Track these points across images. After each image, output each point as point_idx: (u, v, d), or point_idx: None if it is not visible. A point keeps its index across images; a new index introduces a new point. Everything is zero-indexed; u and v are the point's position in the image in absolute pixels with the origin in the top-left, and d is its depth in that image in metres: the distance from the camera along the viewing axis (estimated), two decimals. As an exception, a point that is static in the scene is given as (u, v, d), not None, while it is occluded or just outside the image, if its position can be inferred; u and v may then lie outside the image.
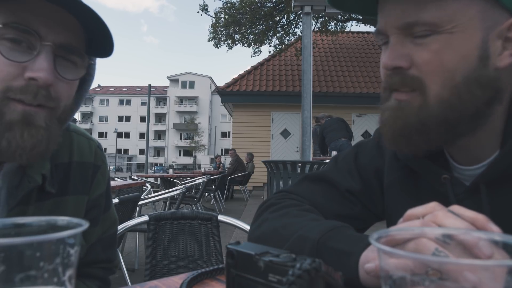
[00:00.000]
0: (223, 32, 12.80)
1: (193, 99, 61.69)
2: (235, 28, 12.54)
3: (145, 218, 1.46)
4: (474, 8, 0.58)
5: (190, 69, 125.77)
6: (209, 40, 12.97)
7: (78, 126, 0.90)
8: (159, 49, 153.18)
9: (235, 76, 12.78)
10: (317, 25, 13.23)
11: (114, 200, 2.45)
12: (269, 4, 12.59)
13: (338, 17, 12.27)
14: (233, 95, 11.97)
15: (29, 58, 0.63)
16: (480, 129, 0.62)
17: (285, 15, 12.88)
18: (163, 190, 4.70)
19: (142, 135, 60.63)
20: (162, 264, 1.44)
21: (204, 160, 52.42)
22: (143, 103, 60.71)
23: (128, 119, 64.13)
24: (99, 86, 66.95)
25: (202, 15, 12.98)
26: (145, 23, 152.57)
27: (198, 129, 57.63)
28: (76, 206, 0.81)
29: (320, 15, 12.34)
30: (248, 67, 13.23)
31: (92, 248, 0.86)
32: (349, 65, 13.18)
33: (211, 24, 12.70)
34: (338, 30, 13.70)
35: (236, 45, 13.13)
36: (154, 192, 4.59)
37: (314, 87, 10.38)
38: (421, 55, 0.60)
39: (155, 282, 0.62)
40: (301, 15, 7.39)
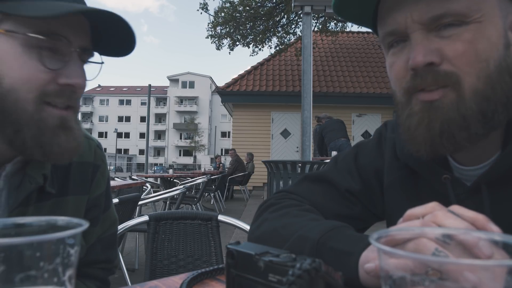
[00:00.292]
0: (222, 30, 12.78)
1: (193, 99, 61.68)
2: (233, 25, 12.50)
3: (145, 218, 1.46)
4: None
5: (190, 69, 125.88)
6: (207, 37, 12.95)
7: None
8: (159, 49, 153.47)
9: (235, 76, 12.79)
10: (317, 25, 13.23)
11: (114, 200, 2.45)
12: (269, 4, 12.58)
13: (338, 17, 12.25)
14: (233, 95, 11.97)
15: (62, 64, 0.65)
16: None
17: (285, 15, 12.87)
18: (163, 190, 4.70)
19: (142, 135, 60.63)
20: (162, 264, 1.44)
21: (204, 160, 52.42)
22: (143, 103, 60.71)
23: (128, 119, 64.13)
24: (99, 86, 66.97)
25: (202, 13, 12.98)
26: (145, 23, 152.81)
27: (198, 129, 57.62)
28: (76, 206, 0.81)
29: (320, 15, 12.34)
30: (248, 67, 13.25)
31: (92, 248, 0.86)
32: (349, 65, 13.18)
33: (209, 22, 12.70)
34: (338, 30, 13.69)
35: (237, 45, 13.12)
36: (154, 192, 4.59)
37: (314, 87, 10.39)
38: (454, 47, 0.58)
39: (155, 282, 0.62)
40: (301, 15, 7.39)
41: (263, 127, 11.91)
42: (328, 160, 4.56)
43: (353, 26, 14.02)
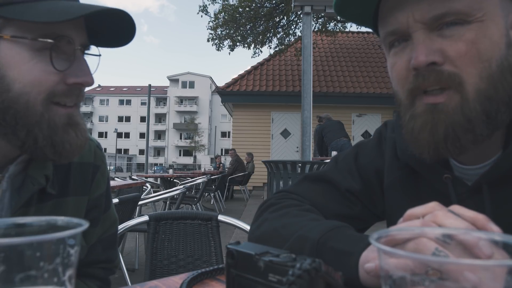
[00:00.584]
0: (222, 32, 12.77)
1: (193, 99, 61.68)
2: (233, 27, 12.50)
3: (145, 218, 1.46)
4: None
5: (190, 69, 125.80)
6: (208, 41, 12.95)
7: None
8: (159, 49, 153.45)
9: (235, 76, 12.79)
10: (317, 25, 13.22)
11: (114, 200, 2.45)
12: (268, 5, 12.57)
13: (338, 17, 12.25)
14: (233, 95, 11.97)
15: (69, 64, 0.65)
16: None
17: (284, 16, 12.86)
18: (163, 190, 4.70)
19: (142, 135, 60.62)
20: (162, 264, 1.44)
21: (204, 160, 52.43)
22: (143, 103, 60.70)
23: (128, 119, 64.13)
24: (99, 86, 66.92)
25: (202, 16, 12.98)
26: (145, 23, 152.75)
27: (198, 129, 57.60)
28: (76, 207, 0.80)
29: (320, 15, 12.34)
30: (248, 67, 13.25)
31: (92, 249, 0.86)
32: (349, 65, 13.18)
33: (209, 24, 12.66)
34: (338, 30, 13.69)
35: (237, 46, 13.11)
36: (154, 192, 4.59)
37: (314, 87, 10.39)
38: (456, 47, 0.57)
39: (155, 282, 0.62)
40: (301, 15, 7.39)
41: (263, 127, 11.91)
42: (328, 160, 4.56)
43: (352, 26, 14.00)
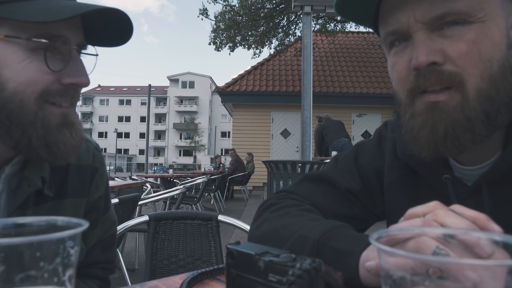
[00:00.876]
0: (223, 35, 12.76)
1: (193, 99, 61.69)
2: (235, 31, 12.50)
3: (145, 218, 1.46)
4: None
5: (190, 69, 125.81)
6: (210, 44, 12.93)
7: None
8: (159, 49, 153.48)
9: (235, 76, 12.78)
10: (317, 25, 13.21)
11: (114, 200, 2.45)
12: (269, 5, 12.56)
13: (338, 17, 12.26)
14: (233, 95, 11.97)
15: (64, 64, 0.65)
16: None
17: (285, 16, 12.86)
18: (163, 190, 4.70)
19: (142, 135, 60.63)
20: (162, 264, 1.44)
21: (204, 160, 52.44)
22: (143, 103, 60.71)
23: (128, 119, 64.14)
24: (99, 86, 66.97)
25: (202, 19, 12.99)
26: (145, 23, 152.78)
27: (198, 129, 57.61)
28: (74, 209, 0.80)
29: (320, 15, 12.33)
30: (248, 67, 13.25)
31: (92, 250, 0.85)
32: (349, 65, 13.18)
33: (212, 29, 12.64)
34: (338, 30, 13.68)
35: (238, 47, 13.11)
36: (154, 192, 4.59)
37: (314, 87, 10.39)
38: (457, 47, 0.57)
39: (155, 282, 0.62)
40: (301, 15, 7.39)
41: (263, 127, 11.91)
42: (328, 160, 4.56)
43: (352, 27, 13.98)
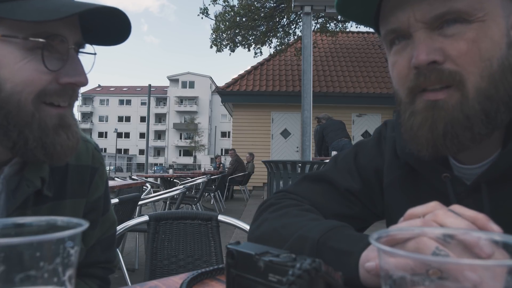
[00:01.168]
0: (224, 36, 12.75)
1: (193, 99, 61.69)
2: (235, 31, 12.49)
3: (145, 218, 1.46)
4: None
5: (190, 69, 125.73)
6: (211, 47, 12.91)
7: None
8: (159, 49, 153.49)
9: (235, 76, 12.77)
10: (317, 25, 13.21)
11: (114, 200, 2.45)
12: (269, 5, 12.56)
13: (338, 17, 12.26)
14: (233, 95, 11.97)
15: (62, 64, 0.64)
16: None
17: (285, 16, 12.85)
18: (163, 190, 4.70)
19: (142, 135, 60.63)
20: (162, 264, 1.44)
21: (204, 160, 52.43)
22: (143, 103, 60.70)
23: (128, 119, 64.14)
24: (99, 86, 66.95)
25: (202, 18, 12.99)
26: (146, 23, 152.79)
27: (198, 129, 57.60)
28: (73, 210, 0.79)
29: (320, 15, 12.33)
30: (248, 67, 13.24)
31: (91, 250, 0.85)
32: (349, 65, 13.18)
33: (212, 31, 12.61)
34: (338, 30, 13.68)
35: (238, 47, 13.10)
36: (154, 192, 4.59)
37: (314, 87, 10.38)
38: (457, 46, 0.58)
39: (155, 282, 0.62)
40: (301, 15, 7.40)
41: (263, 127, 11.91)
42: (328, 160, 4.55)
43: (352, 26, 13.98)
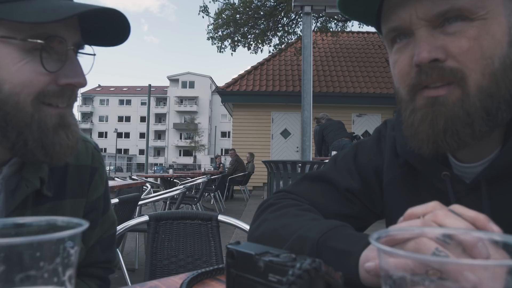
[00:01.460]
0: (223, 32, 12.74)
1: (193, 99, 61.67)
2: (235, 28, 12.48)
3: (145, 218, 1.46)
4: None
5: (190, 69, 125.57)
6: (208, 39, 12.92)
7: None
8: (159, 49, 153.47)
9: (235, 76, 12.77)
10: (317, 25, 13.21)
11: (114, 200, 2.45)
12: (269, 3, 12.55)
13: (338, 17, 12.25)
14: (233, 95, 11.97)
15: (61, 65, 0.64)
16: None
17: (285, 15, 12.85)
18: (163, 190, 4.70)
19: (142, 135, 60.60)
20: (162, 264, 1.44)
21: (204, 160, 52.37)
22: (143, 103, 60.69)
23: (128, 119, 64.12)
24: (99, 86, 66.94)
25: (203, 17, 12.99)
26: (146, 23, 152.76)
27: (198, 129, 57.59)
28: (73, 210, 0.80)
29: (320, 15, 12.33)
30: (248, 67, 13.24)
31: (91, 250, 0.85)
32: (349, 65, 13.18)
33: (209, 24, 12.63)
34: (338, 30, 13.68)
35: (238, 46, 13.08)
36: (154, 192, 4.59)
37: (314, 87, 10.38)
38: (459, 44, 0.58)
39: (155, 282, 0.62)
40: (301, 15, 7.39)
41: (263, 127, 11.91)
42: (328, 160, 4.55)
43: (353, 26, 13.99)
